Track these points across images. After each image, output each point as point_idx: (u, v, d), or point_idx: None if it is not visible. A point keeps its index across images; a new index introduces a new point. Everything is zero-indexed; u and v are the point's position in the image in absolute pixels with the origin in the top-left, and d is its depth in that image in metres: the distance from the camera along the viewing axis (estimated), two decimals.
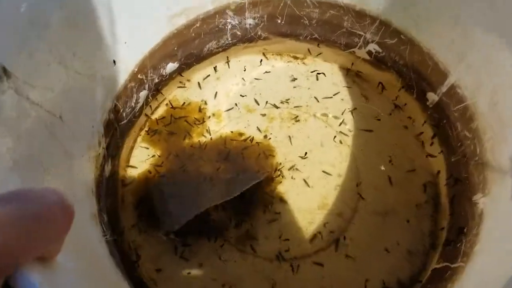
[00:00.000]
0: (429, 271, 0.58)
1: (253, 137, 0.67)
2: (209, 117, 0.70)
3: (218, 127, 0.69)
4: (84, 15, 0.50)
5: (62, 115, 0.48)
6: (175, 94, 0.72)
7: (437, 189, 0.64)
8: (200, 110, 0.70)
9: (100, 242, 0.54)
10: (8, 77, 0.38)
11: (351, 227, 0.62)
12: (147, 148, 0.67)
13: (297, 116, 0.70)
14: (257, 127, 0.69)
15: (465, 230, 0.56)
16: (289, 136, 0.68)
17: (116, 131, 0.62)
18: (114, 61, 0.58)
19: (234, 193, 0.61)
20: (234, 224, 0.62)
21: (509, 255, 0.42)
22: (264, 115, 0.70)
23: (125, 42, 0.58)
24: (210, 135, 0.68)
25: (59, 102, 0.47)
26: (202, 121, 0.69)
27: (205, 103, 0.71)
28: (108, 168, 0.61)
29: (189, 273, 0.59)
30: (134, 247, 0.60)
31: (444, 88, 0.62)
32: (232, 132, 0.68)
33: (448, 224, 0.60)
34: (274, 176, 0.65)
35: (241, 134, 0.68)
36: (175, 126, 0.69)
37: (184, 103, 0.71)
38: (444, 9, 0.57)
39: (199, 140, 0.68)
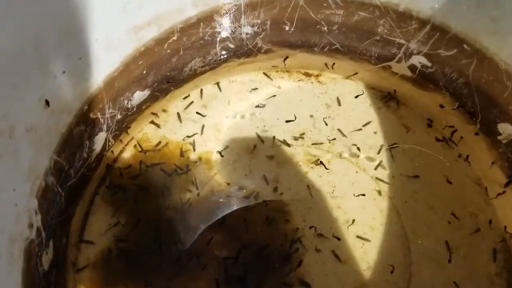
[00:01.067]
0: None
1: (258, 192, 0.50)
2: (196, 162, 0.51)
3: (207, 177, 0.51)
4: None
5: None
6: (146, 131, 0.53)
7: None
8: (182, 153, 0.51)
9: None
10: None
11: None
12: (109, 212, 0.48)
13: (318, 158, 0.52)
14: (264, 175, 0.50)
15: None
16: (308, 187, 0.50)
17: (59, 198, 0.43)
18: (47, 102, 0.38)
19: None
20: None
21: None
22: (271, 157, 0.52)
23: (64, 72, 0.38)
24: (197, 189, 0.50)
25: None
26: (185, 169, 0.51)
27: (189, 143, 0.52)
28: (47, 257, 0.41)
29: None
30: None
31: None
32: (228, 184, 0.50)
33: None
34: (291, 251, 0.46)
35: (241, 188, 0.50)
36: (147, 179, 0.51)
37: (160, 142, 0.52)
38: None
39: (181, 198, 0.50)
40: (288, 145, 0.53)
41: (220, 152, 0.52)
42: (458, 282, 0.46)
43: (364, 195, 0.50)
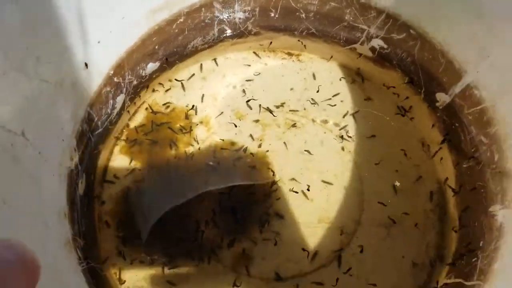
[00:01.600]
0: (435, 284, 0.55)
1: (246, 147, 0.61)
2: (197, 124, 0.63)
3: (206, 135, 0.62)
4: (48, 11, 0.41)
5: (25, 132, 0.40)
6: (155, 97, 0.65)
7: (445, 198, 0.60)
8: (186, 116, 0.63)
9: (76, 272, 0.47)
10: None
11: (354, 241, 0.58)
12: (127, 160, 0.60)
13: (295, 123, 0.63)
14: (250, 134, 0.62)
15: (480, 244, 0.53)
16: (285, 144, 0.62)
17: (90, 142, 0.55)
18: (86, 64, 0.50)
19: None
20: (227, 243, 0.56)
21: None
22: (257, 121, 0.64)
23: (99, 42, 0.50)
24: (198, 144, 0.61)
25: (21, 117, 0.39)
26: (189, 129, 0.62)
27: (191, 108, 0.64)
28: (82, 185, 0.53)
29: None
30: (116, 273, 0.53)
31: (457, 89, 0.57)
32: (222, 140, 0.62)
33: (459, 236, 0.57)
34: (270, 191, 0.58)
35: (232, 143, 0.62)
36: (157, 135, 0.62)
37: (168, 106, 0.63)
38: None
39: (185, 150, 0.61)
40: (271, 111, 0.64)
41: (217, 117, 0.63)
42: (401, 216, 0.58)
43: (330, 151, 0.62)
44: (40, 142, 0.43)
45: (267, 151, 0.62)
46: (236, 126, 0.63)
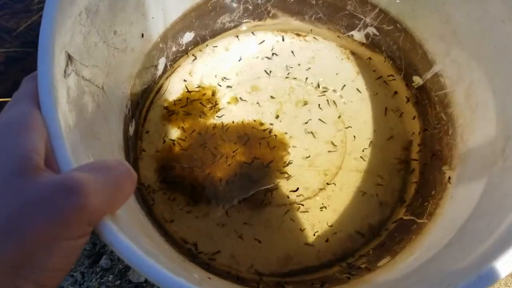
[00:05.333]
0: (395, 220, 0.68)
1: (271, 129, 0.75)
2: (229, 102, 0.77)
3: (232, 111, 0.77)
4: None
5: (104, 86, 0.56)
6: (188, 63, 0.79)
7: (410, 155, 0.73)
8: (213, 93, 0.77)
9: None
10: (71, 61, 0.45)
11: (334, 180, 0.72)
12: (167, 127, 0.74)
13: (306, 102, 0.78)
14: (273, 114, 0.77)
15: (432, 193, 0.65)
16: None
17: (138, 96, 0.70)
18: (143, 35, 0.65)
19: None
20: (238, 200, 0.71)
21: (455, 224, 0.53)
22: (272, 97, 0.78)
23: (153, 18, 0.65)
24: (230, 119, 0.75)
25: (102, 76, 0.55)
26: (214, 103, 0.76)
27: (218, 84, 0.77)
28: (132, 128, 0.69)
29: (197, 217, 0.69)
30: (150, 192, 0.70)
31: (429, 75, 0.71)
32: (254, 120, 0.75)
33: (417, 185, 0.71)
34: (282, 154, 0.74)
35: (261, 124, 0.75)
36: (191, 107, 0.75)
37: (200, 82, 0.77)
38: (438, 6, 0.65)
39: (222, 122, 0.74)
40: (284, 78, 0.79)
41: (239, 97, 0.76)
42: (374, 165, 0.71)
43: (325, 114, 0.78)
44: (110, 93, 0.58)
45: (286, 133, 0.75)
46: (261, 109, 0.76)
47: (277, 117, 0.76)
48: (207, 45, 0.80)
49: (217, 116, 0.75)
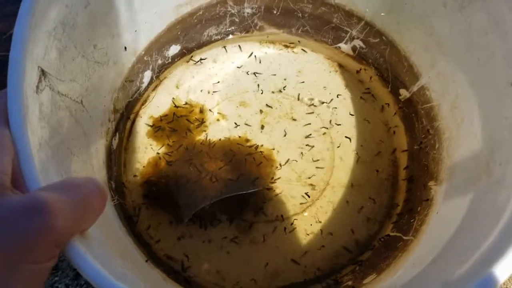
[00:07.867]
0: (382, 236, 0.67)
1: (257, 146, 0.74)
2: (218, 120, 0.76)
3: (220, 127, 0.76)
4: (105, 11, 0.55)
5: (83, 100, 0.55)
6: (176, 74, 0.78)
7: (397, 170, 0.73)
8: (201, 110, 0.76)
9: (111, 207, 0.63)
10: (45, 76, 0.44)
11: (322, 197, 0.72)
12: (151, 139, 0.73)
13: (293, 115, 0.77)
14: (259, 125, 0.76)
15: (418, 209, 0.66)
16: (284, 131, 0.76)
17: (123, 110, 0.70)
18: (125, 48, 0.64)
19: (231, 193, 0.69)
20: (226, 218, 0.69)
21: (440, 240, 0.52)
22: (261, 111, 0.77)
23: (135, 31, 0.64)
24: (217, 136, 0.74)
25: (80, 90, 0.54)
26: (202, 121, 0.75)
27: (206, 99, 0.77)
28: (115, 141, 0.68)
29: (182, 235, 0.68)
30: (135, 207, 0.69)
31: (415, 88, 0.70)
32: (239, 137, 0.74)
33: (403, 201, 0.71)
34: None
35: (247, 140, 0.74)
36: (177, 124, 0.74)
37: (187, 103, 0.76)
38: (423, 19, 0.65)
39: (209, 139, 0.73)
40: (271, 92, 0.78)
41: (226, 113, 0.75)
42: (361, 181, 0.71)
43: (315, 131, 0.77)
44: (91, 107, 0.58)
45: (273, 149, 0.74)
46: (248, 125, 0.76)
47: (263, 131, 0.75)
48: (193, 57, 0.79)
49: (203, 132, 0.74)
